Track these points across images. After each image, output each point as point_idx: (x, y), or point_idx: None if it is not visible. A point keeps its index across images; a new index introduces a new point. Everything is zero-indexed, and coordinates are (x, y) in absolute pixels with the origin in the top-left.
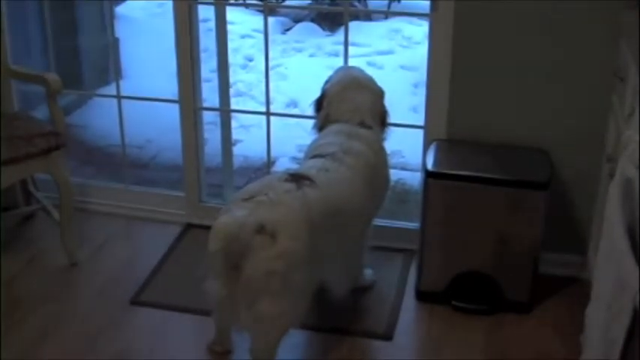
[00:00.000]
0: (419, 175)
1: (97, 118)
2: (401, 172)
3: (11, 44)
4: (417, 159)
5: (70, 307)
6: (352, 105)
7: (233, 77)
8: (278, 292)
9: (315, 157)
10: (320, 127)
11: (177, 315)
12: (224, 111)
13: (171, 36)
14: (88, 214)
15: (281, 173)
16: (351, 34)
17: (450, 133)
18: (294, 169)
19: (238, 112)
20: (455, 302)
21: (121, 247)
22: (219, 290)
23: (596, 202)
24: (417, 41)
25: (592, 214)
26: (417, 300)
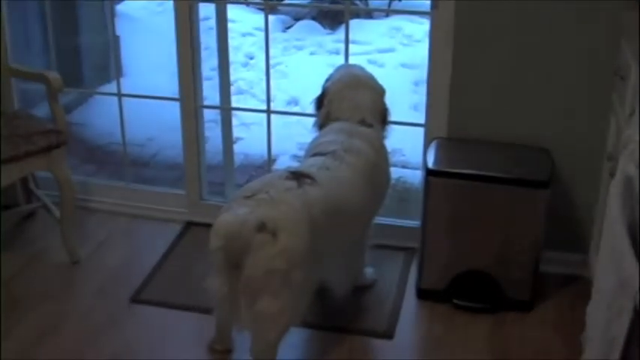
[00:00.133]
0: (420, 173)
1: (97, 116)
2: (402, 170)
3: (12, 42)
4: (418, 157)
5: (70, 305)
6: (353, 103)
7: (234, 75)
8: (278, 291)
9: (315, 155)
10: (321, 125)
11: (177, 313)
12: (225, 109)
13: (172, 34)
14: (88, 212)
15: (282, 171)
16: (352, 32)
17: (451, 131)
18: (295, 167)
19: (239, 110)
20: (456, 301)
21: (122, 245)
22: (220, 288)
23: (597, 200)
24: (418, 39)
25: (593, 213)
26: (418, 298)
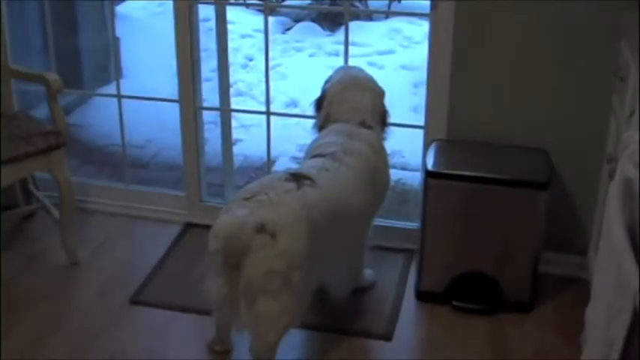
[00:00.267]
0: (419, 175)
1: (97, 118)
2: (401, 172)
3: (11, 43)
4: (418, 159)
5: (69, 306)
6: (352, 105)
7: (233, 77)
8: (278, 292)
9: (315, 156)
10: (320, 127)
11: (177, 314)
12: (224, 110)
13: (171, 35)
14: (88, 214)
15: (281, 173)
16: (352, 33)
17: (450, 133)
18: (295, 169)
19: (238, 111)
20: (455, 302)
21: (121, 247)
22: (219, 289)
23: (596, 202)
24: (418, 41)
25: (592, 214)
26: (417, 300)
